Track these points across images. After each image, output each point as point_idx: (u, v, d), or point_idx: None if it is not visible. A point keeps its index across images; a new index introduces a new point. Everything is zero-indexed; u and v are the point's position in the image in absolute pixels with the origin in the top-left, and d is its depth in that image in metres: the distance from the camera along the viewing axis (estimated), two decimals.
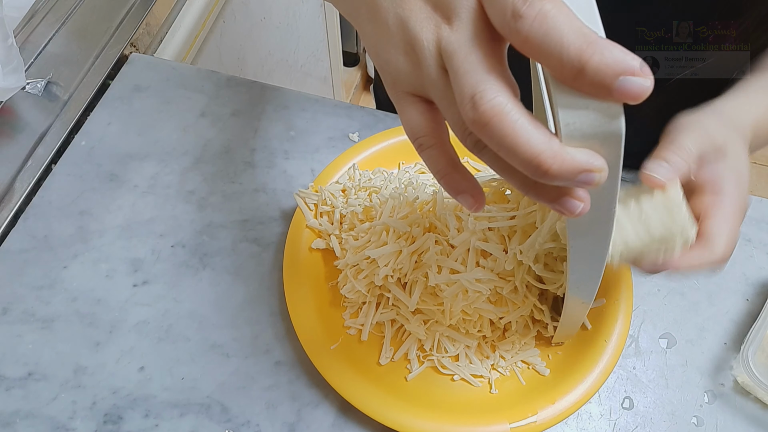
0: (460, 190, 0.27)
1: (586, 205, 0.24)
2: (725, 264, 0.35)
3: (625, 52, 0.20)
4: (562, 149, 0.22)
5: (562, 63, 0.20)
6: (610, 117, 0.22)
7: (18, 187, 0.52)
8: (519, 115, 0.22)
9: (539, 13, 0.20)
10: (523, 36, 0.21)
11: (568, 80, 0.21)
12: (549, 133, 0.22)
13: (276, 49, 1.11)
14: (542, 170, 0.22)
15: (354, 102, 1.76)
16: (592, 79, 0.20)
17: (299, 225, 0.48)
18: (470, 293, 0.41)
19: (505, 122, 0.21)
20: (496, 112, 0.21)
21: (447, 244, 0.42)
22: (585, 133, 0.22)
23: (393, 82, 0.27)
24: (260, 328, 0.47)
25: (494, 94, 0.22)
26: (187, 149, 0.56)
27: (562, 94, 0.21)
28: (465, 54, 0.23)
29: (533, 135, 0.21)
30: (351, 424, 0.43)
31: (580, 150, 0.22)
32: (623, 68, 0.20)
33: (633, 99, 0.20)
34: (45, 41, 0.61)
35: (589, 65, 0.20)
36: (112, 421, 0.43)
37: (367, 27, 0.28)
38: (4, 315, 0.47)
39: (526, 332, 0.45)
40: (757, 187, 1.64)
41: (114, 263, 0.49)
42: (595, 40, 0.20)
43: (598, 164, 0.22)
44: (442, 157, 0.27)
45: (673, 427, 0.43)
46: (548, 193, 0.24)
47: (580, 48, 0.20)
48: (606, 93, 0.20)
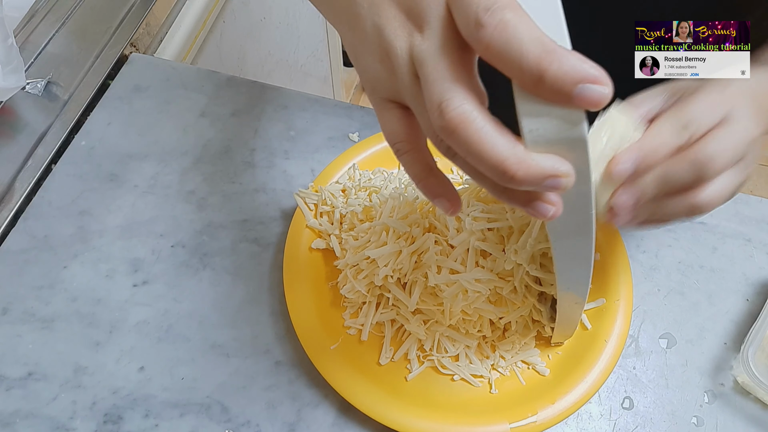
0: (437, 194, 0.28)
1: (558, 208, 0.24)
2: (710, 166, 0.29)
3: (583, 61, 0.20)
4: (527, 155, 0.22)
5: (522, 71, 0.21)
6: (572, 123, 0.22)
7: (18, 187, 0.52)
8: (484, 123, 0.22)
9: (500, 22, 0.21)
10: (484, 45, 0.21)
11: (529, 88, 0.21)
12: (514, 140, 0.22)
13: (276, 49, 1.11)
14: (508, 176, 0.22)
15: (354, 102, 1.76)
16: (552, 86, 0.21)
17: (299, 225, 0.48)
18: (470, 293, 0.41)
19: (470, 129, 0.22)
20: (461, 119, 0.22)
21: (447, 244, 0.42)
22: (549, 139, 0.22)
23: (371, 88, 0.28)
24: (260, 328, 0.47)
25: (459, 102, 0.22)
26: (187, 149, 0.56)
27: (525, 102, 0.22)
28: (434, 62, 0.23)
29: (498, 142, 0.22)
30: (351, 424, 0.43)
31: (546, 156, 0.22)
32: (582, 76, 0.20)
33: (593, 106, 0.21)
34: (45, 41, 0.61)
35: (547, 74, 0.20)
36: (112, 421, 0.43)
37: (348, 34, 0.28)
38: (4, 315, 0.47)
39: (526, 332, 0.45)
40: (757, 186, 1.64)
41: (114, 263, 0.49)
42: (553, 49, 0.20)
43: (564, 169, 0.22)
44: (418, 163, 0.27)
45: (673, 427, 0.43)
46: (519, 197, 0.24)
47: (538, 57, 0.20)
48: (566, 100, 0.21)
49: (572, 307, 0.39)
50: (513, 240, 0.40)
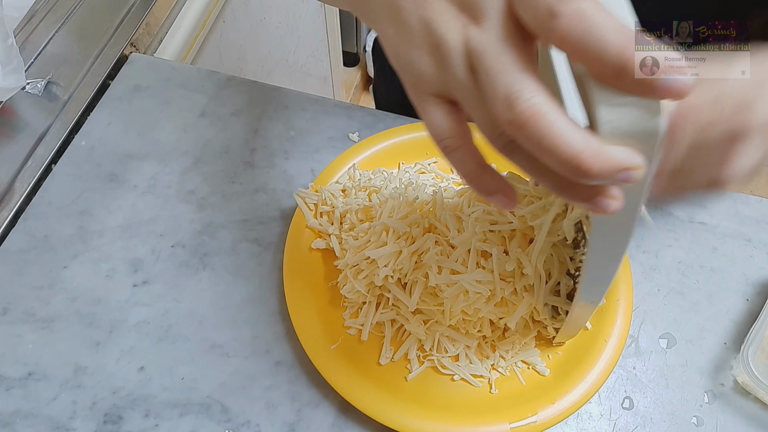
0: (492, 191, 0.27)
1: (620, 202, 0.23)
2: None
3: (667, 49, 0.20)
4: (603, 148, 0.21)
5: (602, 62, 0.20)
6: (650, 114, 0.22)
7: (18, 187, 0.52)
8: (557, 115, 0.21)
9: (576, 11, 0.20)
10: (559, 35, 0.21)
11: (609, 79, 0.21)
12: (588, 133, 0.22)
13: (276, 49, 1.11)
14: (582, 170, 0.21)
15: (354, 102, 1.76)
16: (635, 77, 0.20)
17: (299, 225, 0.48)
18: (470, 294, 0.41)
19: (542, 122, 0.21)
20: (533, 112, 0.21)
21: (447, 244, 0.42)
22: (624, 130, 0.22)
23: (415, 83, 0.27)
24: (260, 328, 0.47)
25: (531, 94, 0.21)
26: (187, 149, 0.56)
27: (602, 92, 0.21)
28: (497, 54, 0.22)
29: (572, 135, 0.21)
30: (351, 424, 0.43)
31: (620, 148, 0.22)
32: (668, 65, 0.20)
33: (676, 96, 0.20)
34: (45, 41, 0.61)
35: (631, 64, 0.20)
36: (112, 421, 0.43)
37: (389, 29, 0.27)
38: (4, 315, 0.47)
39: (526, 332, 0.45)
40: (756, 186, 1.64)
41: (114, 263, 0.49)
42: (635, 38, 0.20)
43: (637, 161, 0.22)
44: (471, 159, 0.26)
45: (673, 427, 0.43)
46: (582, 192, 0.23)
47: (621, 46, 0.20)
48: (649, 91, 0.20)
49: (586, 308, 0.39)
50: (516, 242, 0.40)
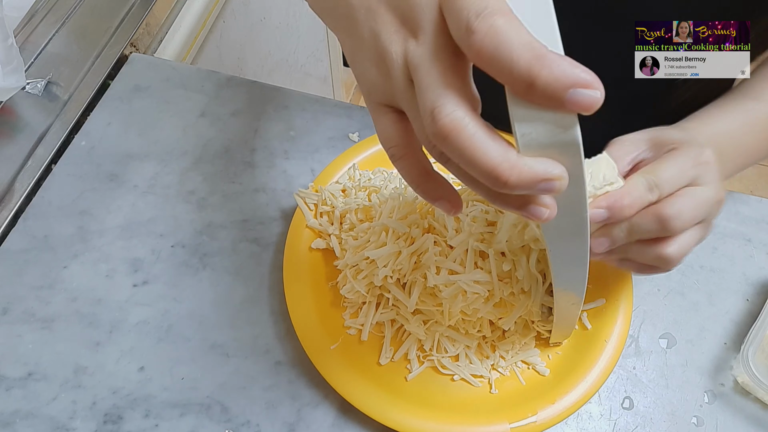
0: (436, 197, 0.28)
1: (552, 210, 0.24)
2: (674, 221, 0.34)
3: (574, 65, 0.20)
4: (519, 160, 0.22)
5: (513, 77, 0.21)
6: (564, 127, 0.22)
7: (18, 187, 0.52)
8: (476, 129, 0.22)
9: (490, 27, 0.21)
10: (475, 51, 0.21)
11: (521, 93, 0.21)
12: (506, 145, 0.22)
13: (276, 49, 1.11)
14: (501, 181, 0.22)
15: (354, 102, 1.76)
16: (543, 92, 0.21)
17: (299, 225, 0.48)
18: (469, 294, 0.41)
19: (462, 135, 0.22)
20: (454, 126, 0.22)
21: (446, 245, 0.42)
22: (542, 143, 0.22)
23: (367, 93, 0.28)
24: (260, 328, 0.47)
25: (452, 108, 0.22)
26: (187, 149, 0.56)
27: (518, 107, 0.22)
28: (427, 68, 0.23)
29: (490, 147, 0.22)
30: (351, 424, 0.43)
31: (538, 159, 0.22)
32: (573, 81, 0.20)
33: (585, 110, 0.21)
34: (45, 41, 0.61)
35: (539, 79, 0.20)
36: (112, 421, 0.43)
37: (346, 40, 0.28)
38: (4, 315, 0.47)
39: (525, 332, 0.45)
40: (757, 186, 1.64)
41: (114, 263, 0.49)
42: (544, 54, 0.20)
43: (557, 172, 0.22)
44: (414, 167, 0.27)
45: (673, 427, 0.43)
46: (513, 201, 0.24)
47: (529, 62, 0.20)
48: (558, 104, 0.21)
49: (569, 308, 0.39)
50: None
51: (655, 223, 0.34)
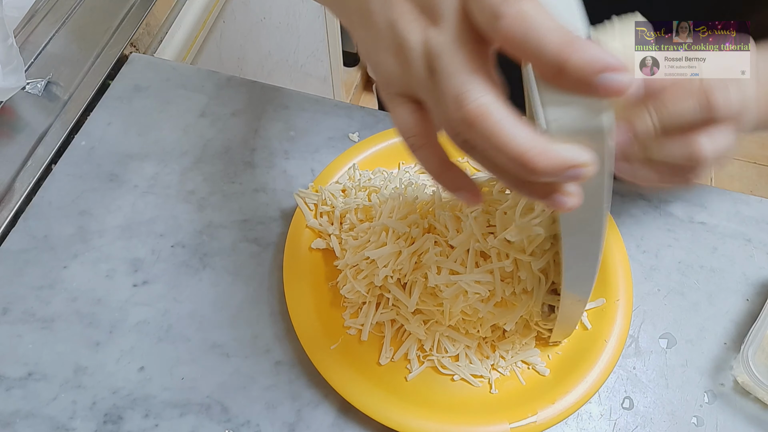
0: (456, 188, 0.27)
1: (577, 199, 0.24)
2: None
3: (603, 50, 0.20)
4: (548, 146, 0.22)
5: (543, 61, 0.21)
6: (595, 112, 0.22)
7: (18, 187, 0.52)
8: (504, 114, 0.22)
9: (518, 12, 0.21)
10: (503, 35, 0.21)
11: (551, 78, 0.21)
12: (535, 131, 0.22)
13: (276, 49, 1.11)
14: (529, 167, 0.22)
15: (354, 102, 1.76)
16: (574, 76, 0.21)
17: (299, 225, 0.48)
18: (470, 295, 0.41)
19: (489, 121, 0.22)
20: (481, 111, 0.22)
21: (446, 245, 0.42)
22: (571, 128, 0.22)
23: (385, 83, 0.27)
24: (260, 328, 0.47)
25: (478, 94, 0.22)
26: (187, 149, 0.56)
27: (547, 91, 0.22)
28: (450, 55, 0.23)
29: (519, 133, 0.22)
30: (351, 424, 0.43)
31: (567, 145, 0.22)
32: (603, 65, 0.20)
33: (615, 94, 0.21)
34: (45, 41, 0.61)
35: (569, 63, 0.20)
36: (112, 421, 0.43)
37: (360, 31, 0.28)
38: (4, 315, 0.47)
39: (526, 332, 0.45)
40: (757, 186, 1.64)
41: (114, 263, 0.49)
42: (573, 39, 0.20)
43: (585, 159, 0.22)
44: (434, 157, 0.27)
45: (673, 427, 0.43)
46: (539, 189, 0.24)
47: (559, 47, 0.20)
48: (588, 89, 0.21)
49: (574, 305, 0.39)
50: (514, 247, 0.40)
51: (697, 99, 0.28)
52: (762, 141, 1.72)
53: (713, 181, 1.63)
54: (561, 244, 0.31)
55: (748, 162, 1.68)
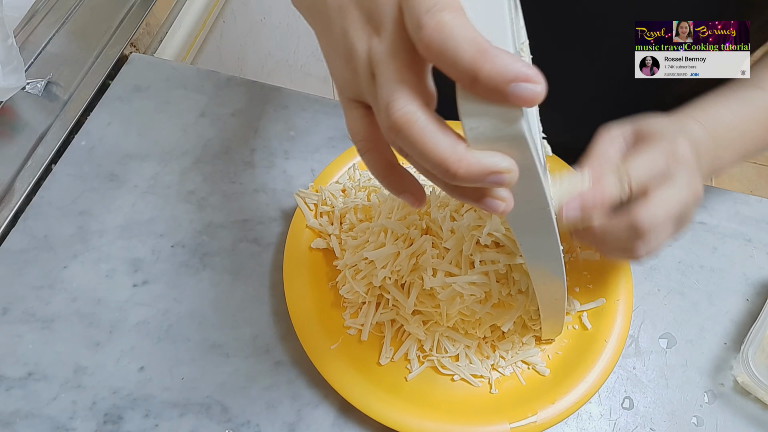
0: (401, 190, 0.29)
1: (508, 203, 0.25)
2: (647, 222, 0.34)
3: (515, 60, 0.21)
4: (467, 153, 0.23)
5: (458, 71, 0.21)
6: (510, 121, 0.22)
7: (18, 187, 0.52)
8: (426, 122, 0.23)
9: (437, 23, 0.21)
10: (424, 45, 0.22)
11: (467, 87, 0.22)
12: (456, 139, 0.23)
13: (276, 49, 1.11)
14: (450, 173, 0.23)
15: None
16: (486, 85, 0.21)
17: (299, 225, 0.48)
18: (465, 296, 0.41)
19: (413, 129, 0.23)
20: (405, 120, 0.23)
21: (442, 247, 0.42)
22: (489, 136, 0.23)
23: (339, 88, 0.29)
24: (260, 328, 0.47)
25: (404, 103, 0.23)
26: (187, 149, 0.56)
27: (465, 101, 0.22)
28: (385, 64, 0.24)
29: (440, 140, 0.23)
30: (351, 424, 0.43)
31: (487, 153, 0.23)
32: (514, 75, 0.21)
33: (527, 103, 0.21)
34: (45, 41, 0.61)
35: (481, 73, 0.21)
36: (112, 421, 0.43)
37: (321, 38, 0.30)
38: (4, 315, 0.47)
39: (524, 332, 0.45)
40: (757, 186, 1.64)
41: (114, 263, 0.49)
42: (486, 49, 0.21)
43: (505, 165, 0.23)
44: (379, 161, 0.28)
45: (673, 427, 0.43)
46: (470, 193, 0.25)
47: (473, 57, 0.21)
48: (501, 98, 0.21)
49: (554, 303, 0.39)
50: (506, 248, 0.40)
51: (628, 230, 0.34)
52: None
53: (713, 181, 1.64)
54: (518, 245, 0.32)
55: (748, 162, 1.68)
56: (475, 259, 0.40)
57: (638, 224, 0.33)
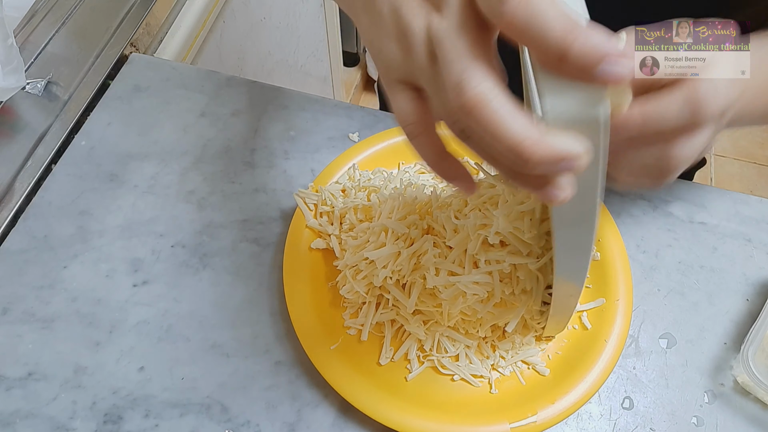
0: (451, 177, 0.28)
1: (569, 193, 0.24)
2: None
3: (606, 38, 0.20)
4: (544, 136, 0.22)
5: (546, 47, 0.21)
6: (592, 103, 0.22)
7: (18, 187, 0.52)
8: (502, 103, 0.22)
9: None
10: (507, 20, 0.21)
11: (553, 65, 0.21)
12: (532, 121, 0.22)
13: (276, 49, 1.11)
14: (524, 157, 0.22)
15: (354, 102, 1.76)
16: (575, 63, 0.20)
17: (299, 225, 0.48)
18: (468, 296, 0.41)
19: (488, 109, 0.22)
20: (479, 99, 0.22)
21: (445, 246, 0.42)
22: (568, 118, 0.22)
23: (386, 70, 0.27)
24: (260, 328, 0.47)
25: (478, 81, 0.22)
26: (187, 149, 0.56)
27: (546, 80, 0.22)
28: (452, 41, 0.23)
29: (516, 122, 0.22)
30: (351, 424, 0.43)
31: (562, 136, 0.22)
32: (605, 53, 0.20)
33: (615, 83, 0.21)
34: (45, 41, 0.61)
35: (572, 50, 0.20)
36: (112, 421, 0.43)
37: (363, 18, 0.28)
38: (4, 315, 0.47)
39: (525, 331, 0.45)
40: (757, 186, 1.64)
41: (114, 263, 0.49)
42: (577, 26, 0.20)
43: (580, 150, 0.22)
44: (431, 146, 0.27)
45: (673, 427, 0.43)
46: (533, 180, 0.24)
47: (563, 33, 0.20)
48: (589, 77, 0.21)
49: (568, 300, 0.39)
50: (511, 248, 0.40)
51: (688, 106, 0.27)
52: (762, 141, 1.72)
53: (713, 181, 1.63)
54: (553, 237, 0.31)
55: (748, 162, 1.69)
56: (480, 258, 0.40)
57: (698, 96, 0.27)
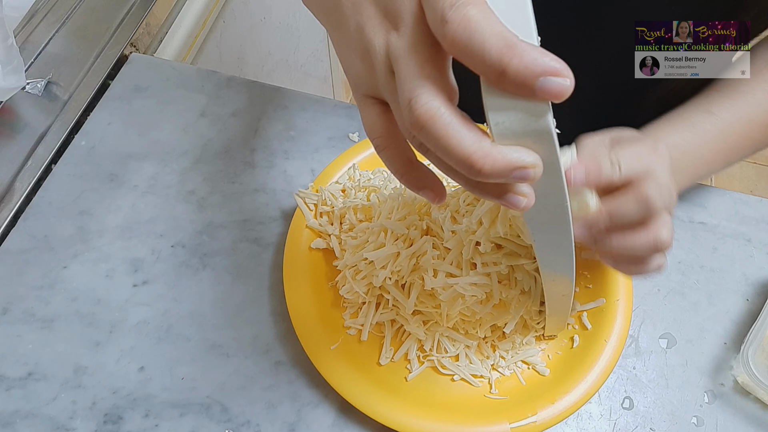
0: (420, 186, 0.28)
1: (530, 199, 0.25)
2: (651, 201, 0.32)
3: (544, 54, 0.21)
4: (493, 148, 0.22)
5: (485, 66, 0.21)
6: (536, 115, 0.22)
7: (18, 187, 0.52)
8: (451, 118, 0.22)
9: (463, 17, 0.21)
10: (449, 40, 0.22)
11: (494, 82, 0.22)
12: (481, 134, 0.23)
13: (276, 49, 1.11)
14: (476, 169, 0.22)
15: (354, 102, 1.76)
16: (514, 80, 0.21)
17: (299, 225, 0.48)
18: (467, 297, 0.41)
19: (437, 125, 0.22)
20: (429, 115, 0.22)
21: (443, 247, 0.42)
22: (515, 131, 0.23)
23: (354, 85, 0.28)
24: (260, 328, 0.47)
25: (427, 98, 0.23)
26: (187, 149, 0.56)
27: (491, 96, 0.22)
28: (405, 59, 0.24)
29: (465, 136, 0.22)
30: (351, 424, 0.43)
31: (512, 148, 0.23)
32: (543, 69, 0.21)
33: (555, 97, 0.21)
34: (45, 41, 0.61)
35: (509, 67, 0.21)
36: (112, 421, 0.43)
37: (335, 34, 0.29)
38: (4, 315, 0.47)
39: (524, 332, 0.45)
40: (757, 186, 1.64)
41: (114, 263, 0.49)
42: (515, 43, 0.21)
43: (530, 160, 0.23)
44: (398, 158, 0.28)
45: (673, 427, 0.43)
46: (491, 190, 0.25)
47: (500, 51, 0.21)
48: (529, 92, 0.21)
49: (560, 299, 0.39)
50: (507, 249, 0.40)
51: (636, 203, 0.32)
52: None
53: (713, 181, 1.63)
54: (532, 242, 0.32)
55: (748, 162, 1.68)
56: (476, 261, 0.40)
57: (646, 195, 0.32)
